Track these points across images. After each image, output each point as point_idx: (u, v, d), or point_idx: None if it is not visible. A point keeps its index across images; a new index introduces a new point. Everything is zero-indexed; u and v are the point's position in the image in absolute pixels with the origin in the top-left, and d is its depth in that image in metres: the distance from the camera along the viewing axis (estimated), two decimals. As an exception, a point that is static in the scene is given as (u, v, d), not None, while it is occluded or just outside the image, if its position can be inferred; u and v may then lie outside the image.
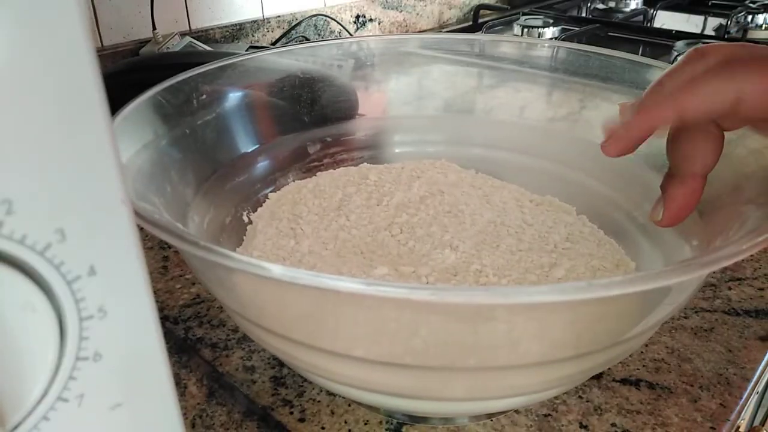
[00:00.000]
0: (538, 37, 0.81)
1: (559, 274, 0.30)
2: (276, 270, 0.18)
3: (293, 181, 0.40)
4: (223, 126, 0.37)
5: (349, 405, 0.29)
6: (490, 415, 0.29)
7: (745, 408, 0.30)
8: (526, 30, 0.83)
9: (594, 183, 0.38)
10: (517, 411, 0.29)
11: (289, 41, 0.78)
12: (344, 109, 0.44)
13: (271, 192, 0.39)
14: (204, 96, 0.36)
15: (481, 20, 0.96)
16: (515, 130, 0.43)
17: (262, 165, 0.39)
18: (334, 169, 0.42)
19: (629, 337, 0.24)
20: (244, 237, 0.35)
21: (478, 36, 0.47)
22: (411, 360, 0.22)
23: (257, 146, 0.39)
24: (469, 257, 0.31)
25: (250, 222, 0.36)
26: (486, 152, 0.43)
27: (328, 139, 0.43)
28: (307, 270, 0.20)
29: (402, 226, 0.35)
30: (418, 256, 0.32)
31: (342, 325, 0.22)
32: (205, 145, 0.36)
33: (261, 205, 0.38)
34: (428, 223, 0.35)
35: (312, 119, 0.42)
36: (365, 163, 0.43)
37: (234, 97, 0.39)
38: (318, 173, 0.41)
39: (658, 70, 0.36)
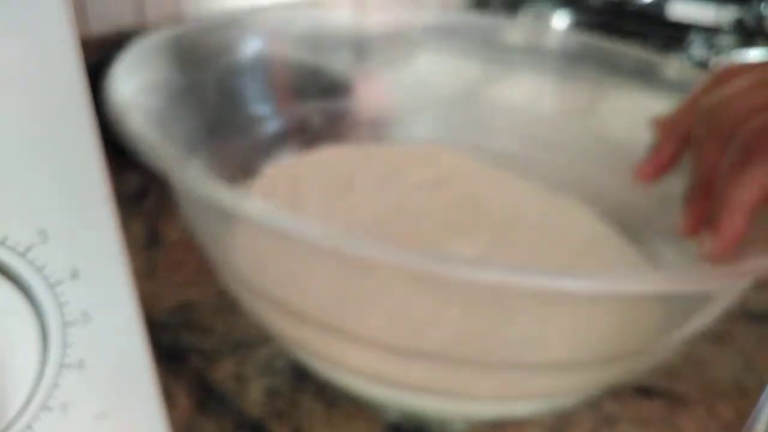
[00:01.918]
0: (548, 26, 0.81)
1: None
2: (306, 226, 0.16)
3: (294, 154, 0.39)
4: (229, 86, 0.36)
5: (346, 417, 0.29)
6: (494, 427, 0.29)
7: (763, 416, 0.30)
8: (535, 18, 0.83)
9: (614, 183, 0.38)
10: (526, 422, 0.29)
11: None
12: (342, 95, 0.43)
13: (271, 164, 0.38)
14: (211, 49, 0.35)
15: (487, 8, 0.96)
16: (523, 120, 0.43)
17: (261, 134, 0.38)
18: (335, 146, 0.41)
19: (659, 346, 0.24)
20: None
21: (485, 21, 0.47)
22: (429, 347, 0.21)
23: (258, 113, 0.38)
24: (482, 252, 0.31)
25: None
26: (494, 144, 0.43)
27: (318, 121, 0.42)
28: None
29: (412, 213, 0.34)
30: (427, 246, 0.31)
31: (363, 300, 0.21)
32: (206, 104, 0.35)
33: (258, 177, 0.37)
34: (440, 211, 0.34)
35: (301, 98, 0.41)
36: (381, 142, 0.42)
37: (243, 54, 0.37)
38: (325, 147, 0.40)
39: (668, 63, 0.36)
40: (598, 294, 0.20)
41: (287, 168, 0.38)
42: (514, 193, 0.38)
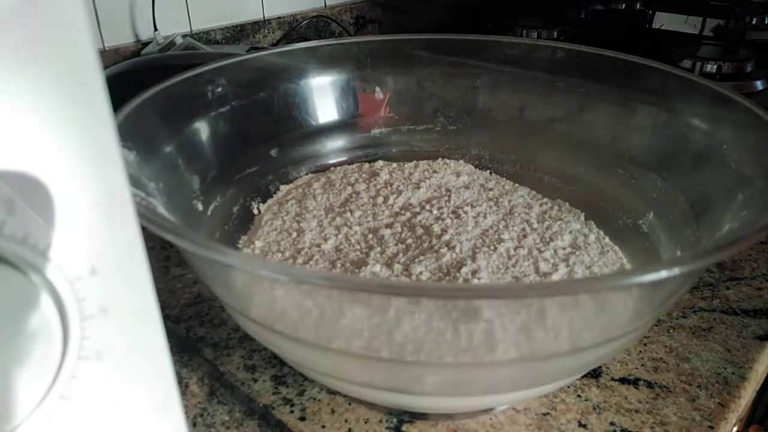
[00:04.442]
0: (537, 38, 0.81)
1: (554, 280, 0.30)
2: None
3: (306, 174, 0.42)
4: (226, 124, 0.38)
5: (350, 404, 0.29)
6: (488, 411, 0.29)
7: (743, 407, 0.30)
8: (525, 31, 0.82)
9: (601, 186, 0.38)
10: (515, 409, 0.29)
11: (290, 42, 0.78)
12: (343, 110, 0.44)
13: (282, 185, 0.41)
14: (207, 94, 0.37)
15: (480, 21, 0.95)
16: (517, 130, 0.43)
17: (265, 163, 0.41)
18: (337, 167, 0.42)
19: (620, 335, 0.24)
20: (251, 226, 0.37)
21: (477, 37, 0.47)
22: (405, 356, 0.22)
23: (262, 143, 0.40)
24: (463, 258, 0.31)
25: (260, 212, 0.38)
26: (489, 154, 0.44)
27: (327, 139, 0.43)
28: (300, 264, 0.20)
29: (404, 225, 0.35)
30: (413, 255, 0.32)
31: (337, 321, 0.23)
32: (213, 141, 0.37)
33: (271, 197, 0.40)
34: (430, 222, 0.35)
35: (308, 120, 0.42)
36: (380, 161, 0.43)
37: (235, 96, 0.39)
38: (332, 168, 0.42)
39: (655, 71, 0.36)
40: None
41: (298, 186, 0.40)
42: (507, 201, 0.38)
